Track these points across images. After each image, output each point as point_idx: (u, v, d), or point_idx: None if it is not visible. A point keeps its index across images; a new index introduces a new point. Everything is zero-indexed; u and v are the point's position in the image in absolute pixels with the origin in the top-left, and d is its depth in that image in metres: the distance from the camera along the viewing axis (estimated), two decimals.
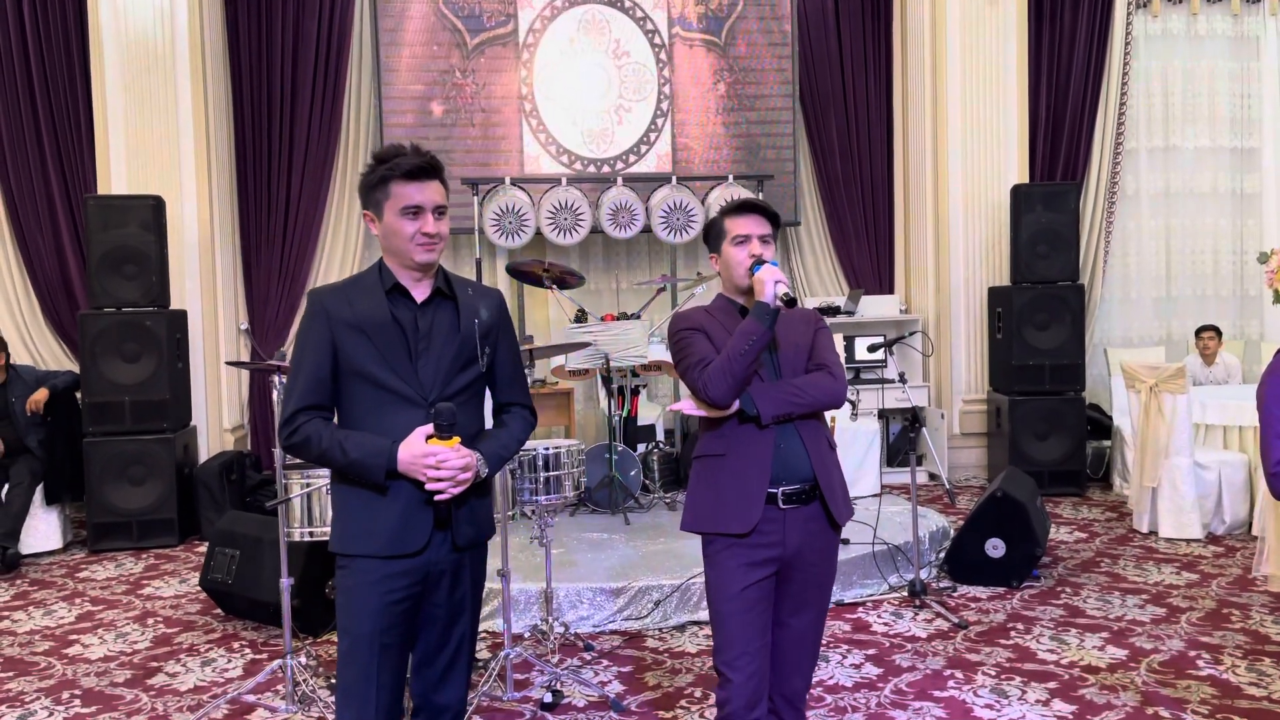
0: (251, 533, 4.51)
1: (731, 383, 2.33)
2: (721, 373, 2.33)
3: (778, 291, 2.34)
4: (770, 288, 2.34)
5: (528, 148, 7.64)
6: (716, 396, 2.35)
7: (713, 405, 2.38)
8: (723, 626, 2.34)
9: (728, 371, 2.32)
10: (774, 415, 2.36)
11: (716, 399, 2.35)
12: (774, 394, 2.37)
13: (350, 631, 2.20)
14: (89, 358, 6.03)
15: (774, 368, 2.44)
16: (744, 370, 2.32)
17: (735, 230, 2.47)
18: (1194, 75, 8.04)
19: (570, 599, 4.36)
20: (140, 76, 6.63)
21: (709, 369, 2.36)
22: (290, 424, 2.21)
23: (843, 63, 7.88)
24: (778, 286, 2.34)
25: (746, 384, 2.36)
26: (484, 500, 2.31)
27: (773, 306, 2.33)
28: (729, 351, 2.34)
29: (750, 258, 2.44)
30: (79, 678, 3.95)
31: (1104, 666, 3.76)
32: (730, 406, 2.37)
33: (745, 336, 2.32)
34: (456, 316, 2.27)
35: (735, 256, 2.47)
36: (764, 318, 2.33)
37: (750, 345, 2.31)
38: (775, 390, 2.38)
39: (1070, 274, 6.93)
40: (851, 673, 3.77)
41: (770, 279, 2.36)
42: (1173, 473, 5.60)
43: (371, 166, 2.25)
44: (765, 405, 2.35)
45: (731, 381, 2.33)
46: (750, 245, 2.45)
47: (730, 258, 2.48)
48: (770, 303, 2.34)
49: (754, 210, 2.50)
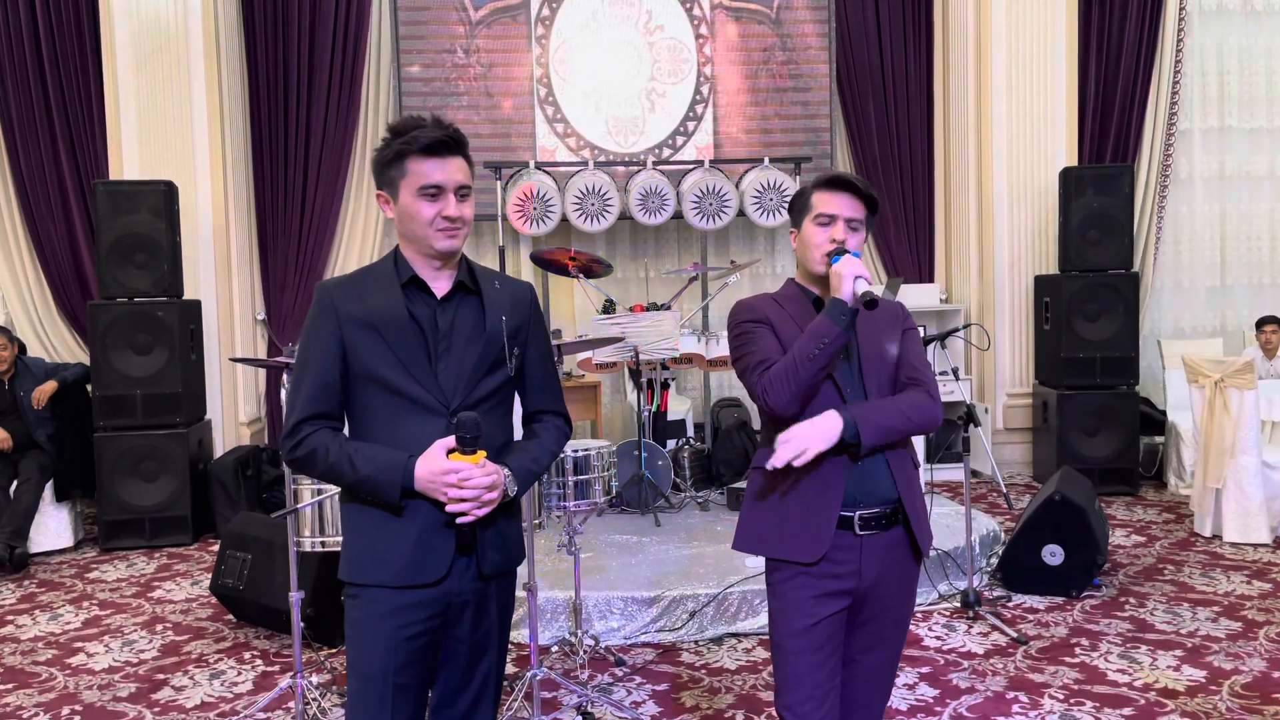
0: (263, 536, 4.27)
1: (796, 390, 2.01)
2: (785, 378, 2.02)
3: (857, 289, 2.01)
4: (849, 284, 2.01)
5: (543, 139, 6.97)
6: (777, 404, 2.04)
7: (772, 413, 2.08)
8: (785, 665, 2.04)
9: (792, 377, 2.01)
10: (874, 446, 2.04)
11: (777, 407, 2.04)
12: (877, 419, 2.04)
13: (359, 670, 1.93)
14: (99, 349, 5.81)
15: (856, 377, 2.12)
16: (811, 377, 2.01)
17: (821, 207, 2.13)
18: (1250, 53, 7.64)
19: (600, 608, 4.10)
20: (152, 56, 6.39)
21: (770, 372, 2.05)
22: (293, 435, 1.94)
23: (881, 40, 7.53)
24: (857, 283, 2.01)
25: (814, 393, 2.04)
26: (512, 522, 2.03)
27: (850, 305, 2.01)
28: (795, 354, 2.02)
29: (831, 243, 2.11)
30: (80, 691, 3.72)
31: (1182, 690, 3.45)
32: (792, 415, 2.05)
33: (816, 338, 2.00)
34: (482, 313, 1.99)
35: (815, 238, 2.13)
36: (839, 318, 2.00)
37: (822, 349, 1.99)
38: (878, 414, 2.05)
39: (1123, 261, 6.58)
40: (906, 694, 3.48)
41: (849, 273, 2.02)
42: (1239, 473, 5.26)
43: (386, 140, 1.96)
44: (868, 433, 2.02)
45: (796, 388, 2.01)
46: (834, 228, 2.12)
47: (809, 238, 2.15)
48: (848, 300, 2.01)
49: (848, 188, 2.14)
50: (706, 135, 7.08)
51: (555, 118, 6.94)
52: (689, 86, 7.00)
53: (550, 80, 6.94)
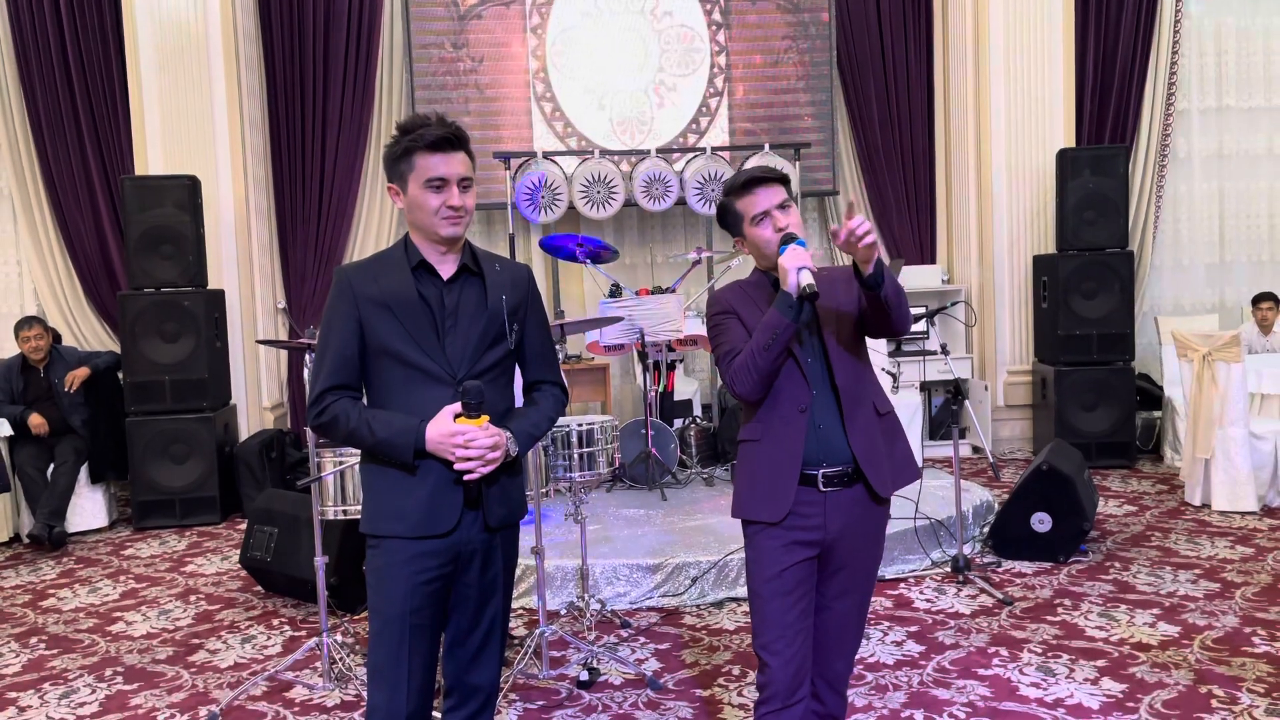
0: (289, 510, 4.52)
1: (758, 378, 2.21)
2: (746, 369, 2.21)
3: (801, 280, 2.14)
4: (793, 276, 2.15)
5: (539, 139, 6.45)
6: (743, 392, 2.25)
7: (741, 400, 2.30)
8: (760, 609, 2.27)
9: (753, 368, 2.20)
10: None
11: (744, 394, 2.25)
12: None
13: (381, 612, 2.17)
14: (129, 338, 6.08)
15: (817, 346, 2.30)
16: (769, 365, 2.20)
17: (751, 210, 2.30)
18: (1248, 33, 7.75)
19: (607, 575, 4.32)
20: (174, 56, 6.63)
21: (734, 363, 2.25)
22: (318, 404, 2.17)
23: (881, 25, 7.68)
24: (801, 274, 2.14)
25: (775, 375, 2.24)
26: (515, 479, 2.26)
27: (795, 297, 2.17)
28: (753, 345, 2.21)
29: (777, 233, 2.28)
30: (122, 655, 3.99)
31: (1155, 644, 3.65)
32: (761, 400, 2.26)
33: (769, 331, 2.18)
34: (484, 293, 2.22)
35: (762, 237, 2.30)
36: (787, 310, 2.17)
37: (774, 339, 2.17)
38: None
39: (1119, 240, 6.73)
40: (893, 650, 3.69)
41: (793, 266, 2.15)
42: (1227, 444, 5.43)
43: (395, 138, 2.19)
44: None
45: (758, 377, 2.21)
46: (772, 220, 2.29)
47: (757, 239, 2.31)
48: (793, 291, 2.17)
49: (759, 183, 2.29)
50: (721, 133, 6.46)
51: (554, 116, 6.53)
52: (701, 78, 6.54)
53: (548, 74, 6.52)
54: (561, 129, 6.45)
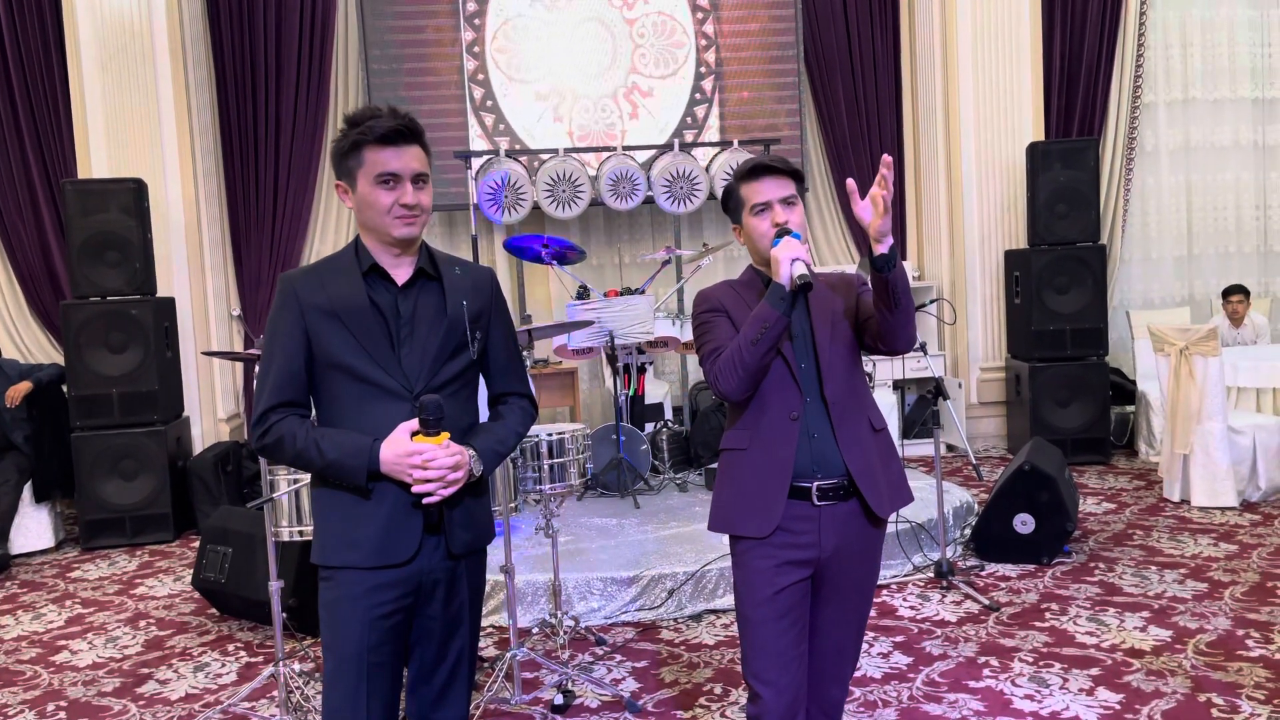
0: (244, 529, 4.29)
1: (744, 374, 2.07)
2: (732, 364, 2.07)
3: (794, 272, 2.04)
4: (787, 267, 2.05)
5: (478, 160, 5.30)
6: (727, 390, 2.10)
7: (725, 398, 2.14)
8: (751, 635, 2.10)
9: (739, 363, 2.06)
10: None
11: (728, 392, 2.10)
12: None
13: (336, 651, 1.98)
14: (73, 349, 5.80)
15: (809, 351, 2.16)
16: (757, 360, 2.06)
17: (753, 198, 2.19)
18: (1212, 25, 7.73)
19: (580, 590, 4.15)
20: (117, 54, 6.35)
21: (720, 359, 2.10)
22: (262, 423, 1.97)
23: (847, 19, 7.56)
24: (795, 266, 2.04)
25: (763, 374, 2.09)
26: (480, 501, 2.07)
27: (788, 289, 2.05)
28: (740, 339, 2.07)
29: (774, 227, 2.16)
30: (65, 687, 3.75)
31: (1148, 649, 3.54)
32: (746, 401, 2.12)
33: (758, 323, 2.05)
34: (443, 299, 2.03)
35: (758, 228, 2.18)
36: (778, 302, 2.04)
37: (764, 333, 2.04)
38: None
39: (1091, 234, 6.66)
40: (880, 663, 3.55)
41: (787, 257, 2.05)
42: (1205, 439, 5.36)
43: (343, 131, 1.99)
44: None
45: (744, 373, 2.07)
46: (772, 213, 2.17)
47: (753, 230, 2.20)
48: (786, 284, 2.05)
49: (770, 172, 2.20)
50: (708, 135, 5.51)
51: (497, 129, 5.30)
52: (685, 78, 5.48)
53: (488, 76, 5.37)
54: (509, 143, 5.21)
